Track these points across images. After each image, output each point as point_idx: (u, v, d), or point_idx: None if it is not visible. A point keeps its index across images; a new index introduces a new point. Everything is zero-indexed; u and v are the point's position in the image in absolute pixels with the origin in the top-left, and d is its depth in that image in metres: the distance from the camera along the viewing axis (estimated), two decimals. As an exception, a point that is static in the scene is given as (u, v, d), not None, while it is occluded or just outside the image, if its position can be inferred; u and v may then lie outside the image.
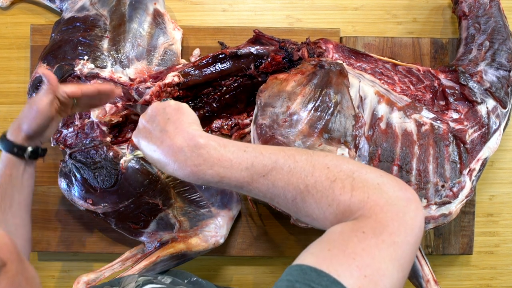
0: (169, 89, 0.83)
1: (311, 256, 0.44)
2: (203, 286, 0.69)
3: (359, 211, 0.46)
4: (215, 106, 0.88)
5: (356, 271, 0.41)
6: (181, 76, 0.83)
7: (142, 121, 0.60)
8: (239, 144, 0.53)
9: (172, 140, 0.54)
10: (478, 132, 0.80)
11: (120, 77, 0.83)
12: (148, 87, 0.82)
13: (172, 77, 0.82)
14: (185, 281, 0.72)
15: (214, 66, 0.85)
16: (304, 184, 0.49)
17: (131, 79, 0.83)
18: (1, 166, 0.70)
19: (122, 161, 0.79)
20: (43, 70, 0.70)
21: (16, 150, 0.69)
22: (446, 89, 0.83)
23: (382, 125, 0.78)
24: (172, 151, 0.53)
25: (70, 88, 0.70)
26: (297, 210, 0.50)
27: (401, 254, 0.43)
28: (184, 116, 0.57)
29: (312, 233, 0.90)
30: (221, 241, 0.85)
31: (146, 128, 0.58)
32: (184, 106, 0.59)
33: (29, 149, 0.70)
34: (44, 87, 0.68)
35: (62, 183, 0.82)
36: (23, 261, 0.44)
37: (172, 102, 0.59)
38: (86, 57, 0.82)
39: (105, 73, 0.82)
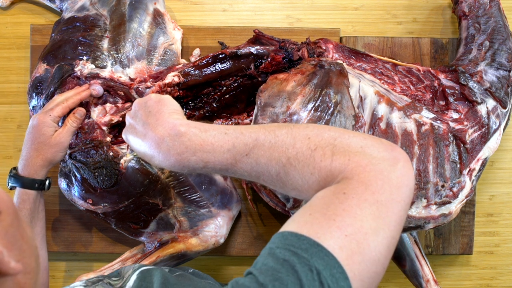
0: (169, 89, 0.83)
1: (292, 223, 0.44)
2: (200, 275, 0.69)
3: (341, 174, 0.45)
4: (215, 106, 0.88)
5: (337, 231, 0.41)
6: (181, 76, 0.83)
7: (127, 118, 0.61)
8: (220, 127, 0.53)
9: (154, 132, 0.54)
10: (478, 132, 0.80)
11: (120, 77, 0.83)
12: (148, 87, 0.82)
13: (172, 77, 0.82)
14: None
15: (214, 66, 0.85)
16: (286, 157, 0.48)
17: (131, 79, 0.83)
18: (18, 203, 0.75)
19: (122, 161, 0.79)
20: (81, 111, 0.78)
21: (37, 185, 0.75)
22: (446, 89, 0.83)
23: (382, 125, 0.78)
24: (155, 143, 0.54)
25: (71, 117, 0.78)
26: (283, 184, 0.50)
27: (386, 212, 0.43)
28: (165, 106, 0.57)
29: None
30: (221, 241, 0.85)
31: (131, 124, 0.59)
32: (165, 97, 0.59)
33: (47, 181, 0.77)
34: (74, 125, 0.76)
35: (62, 183, 0.82)
36: (20, 219, 0.44)
37: (153, 95, 0.59)
38: (86, 57, 0.82)
39: (105, 73, 0.82)
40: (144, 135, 0.55)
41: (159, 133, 0.53)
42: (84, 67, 0.81)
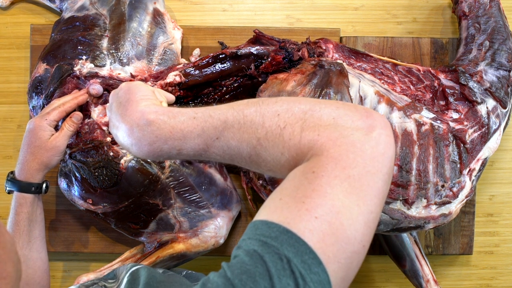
0: (170, 88, 0.83)
1: (264, 210, 0.42)
2: (193, 276, 0.69)
3: (310, 151, 0.43)
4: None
5: (306, 214, 0.38)
6: (182, 76, 0.83)
7: (107, 111, 0.61)
8: (189, 112, 0.50)
9: (124, 123, 0.53)
10: (478, 132, 0.80)
11: (119, 74, 0.82)
12: (148, 87, 0.82)
13: (173, 77, 0.82)
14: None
15: (215, 66, 0.85)
16: (255, 138, 0.46)
17: (132, 75, 0.83)
18: (16, 206, 0.76)
19: (122, 161, 0.79)
20: (78, 115, 0.78)
21: (34, 189, 0.75)
22: (446, 89, 0.83)
23: (382, 125, 0.78)
24: (126, 134, 0.52)
25: (68, 121, 0.77)
26: (257, 166, 0.48)
27: (359, 186, 0.40)
28: (134, 94, 0.55)
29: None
30: (221, 241, 0.85)
31: (109, 118, 0.58)
32: (134, 84, 0.57)
33: (44, 185, 0.77)
34: (70, 129, 0.76)
35: (62, 183, 0.82)
36: None
37: (123, 85, 0.58)
38: (85, 57, 0.82)
39: (103, 71, 0.82)
40: (117, 127, 0.54)
41: (128, 124, 0.52)
42: (83, 66, 0.81)
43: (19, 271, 0.46)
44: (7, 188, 0.76)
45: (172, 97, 0.68)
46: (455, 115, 0.81)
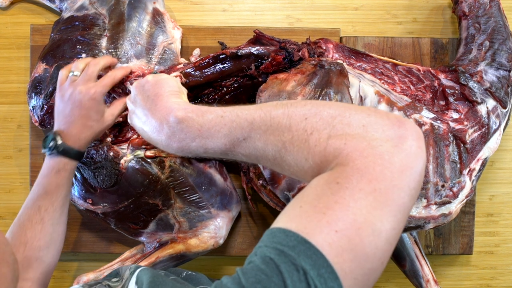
0: (169, 89, 0.83)
1: (283, 217, 0.41)
2: (193, 278, 0.69)
3: (335, 160, 0.41)
4: (216, 106, 0.88)
5: (326, 227, 0.37)
6: (183, 77, 0.83)
7: (128, 103, 0.60)
8: (217, 110, 0.51)
9: (153, 118, 0.53)
10: (478, 132, 0.80)
11: None
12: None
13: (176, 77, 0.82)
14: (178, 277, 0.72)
15: (215, 66, 0.85)
16: (281, 142, 0.45)
17: (130, 72, 0.83)
18: (52, 171, 0.71)
19: (122, 161, 0.79)
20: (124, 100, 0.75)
21: (79, 155, 0.73)
22: (446, 89, 0.83)
23: (382, 125, 0.78)
24: (156, 130, 0.52)
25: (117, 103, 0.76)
26: (281, 168, 0.48)
27: (385, 202, 0.38)
28: (162, 89, 0.55)
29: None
30: (221, 242, 0.85)
31: (132, 110, 0.58)
32: (162, 78, 0.57)
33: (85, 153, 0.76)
34: (120, 105, 0.74)
35: (62, 183, 0.82)
36: None
37: (150, 77, 0.58)
38: (84, 56, 0.82)
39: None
40: (144, 122, 0.54)
41: (158, 120, 0.52)
42: (84, 67, 0.81)
43: (16, 272, 0.45)
44: (50, 152, 0.71)
45: (186, 91, 0.68)
46: (455, 115, 0.81)
